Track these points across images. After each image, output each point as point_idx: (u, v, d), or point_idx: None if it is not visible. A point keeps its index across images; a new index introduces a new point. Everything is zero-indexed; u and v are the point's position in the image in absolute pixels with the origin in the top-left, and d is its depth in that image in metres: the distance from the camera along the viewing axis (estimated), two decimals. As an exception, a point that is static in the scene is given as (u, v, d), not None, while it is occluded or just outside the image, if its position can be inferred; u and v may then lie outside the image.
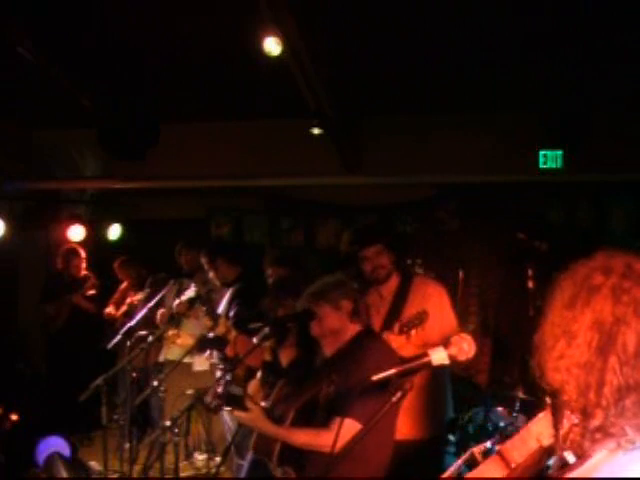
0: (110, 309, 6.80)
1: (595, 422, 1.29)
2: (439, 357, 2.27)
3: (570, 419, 1.32)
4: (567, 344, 1.35)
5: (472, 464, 1.40)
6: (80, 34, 4.96)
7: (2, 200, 6.76)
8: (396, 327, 3.48)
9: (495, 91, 5.69)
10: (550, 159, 6.19)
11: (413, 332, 3.44)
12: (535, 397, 5.33)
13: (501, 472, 1.33)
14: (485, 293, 6.98)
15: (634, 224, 6.74)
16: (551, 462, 1.31)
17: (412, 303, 3.64)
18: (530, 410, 5.33)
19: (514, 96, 5.76)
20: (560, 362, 1.34)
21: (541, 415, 1.34)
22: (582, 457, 1.30)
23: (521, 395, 5.43)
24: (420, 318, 3.44)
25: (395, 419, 3.04)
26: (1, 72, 5.28)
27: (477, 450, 1.38)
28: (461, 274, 5.99)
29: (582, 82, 5.33)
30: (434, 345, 2.35)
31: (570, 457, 1.31)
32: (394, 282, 3.76)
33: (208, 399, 3.02)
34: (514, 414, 5.39)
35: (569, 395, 1.32)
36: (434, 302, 3.65)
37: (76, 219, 7.23)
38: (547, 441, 1.32)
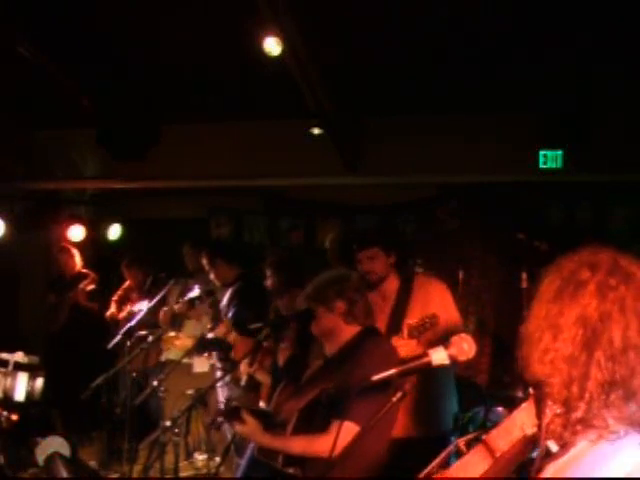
0: (112, 310, 6.76)
1: (577, 414, 1.31)
2: (439, 357, 2.26)
3: (552, 409, 1.33)
4: (553, 338, 1.36)
5: (459, 455, 1.41)
6: (80, 34, 4.97)
7: (2, 200, 6.76)
8: (405, 331, 3.39)
9: (495, 91, 5.69)
10: (550, 159, 6.18)
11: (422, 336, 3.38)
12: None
13: (486, 461, 1.34)
14: (485, 293, 6.97)
15: (634, 224, 6.73)
16: (534, 454, 1.35)
17: (415, 303, 3.60)
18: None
19: (514, 96, 5.75)
20: (546, 356, 1.35)
21: (524, 405, 1.37)
22: (564, 447, 1.31)
23: (521, 395, 5.42)
24: (431, 322, 3.37)
25: (394, 417, 3.03)
26: (1, 72, 5.28)
27: (462, 441, 1.40)
28: (461, 274, 5.98)
29: (582, 82, 5.33)
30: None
31: (553, 446, 1.32)
32: (395, 283, 3.70)
33: (209, 419, 3.01)
34: (514, 414, 5.40)
35: (552, 387, 1.33)
36: (437, 300, 3.62)
37: (76, 219, 7.21)
38: (530, 430, 1.34)
